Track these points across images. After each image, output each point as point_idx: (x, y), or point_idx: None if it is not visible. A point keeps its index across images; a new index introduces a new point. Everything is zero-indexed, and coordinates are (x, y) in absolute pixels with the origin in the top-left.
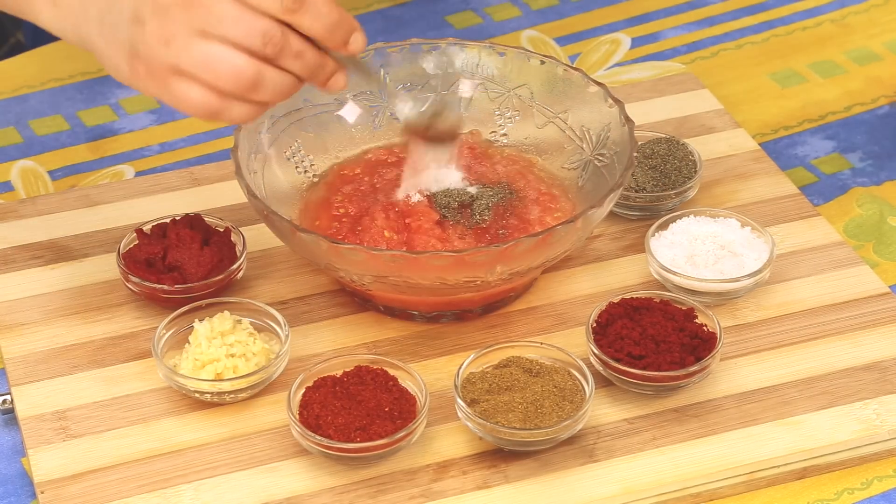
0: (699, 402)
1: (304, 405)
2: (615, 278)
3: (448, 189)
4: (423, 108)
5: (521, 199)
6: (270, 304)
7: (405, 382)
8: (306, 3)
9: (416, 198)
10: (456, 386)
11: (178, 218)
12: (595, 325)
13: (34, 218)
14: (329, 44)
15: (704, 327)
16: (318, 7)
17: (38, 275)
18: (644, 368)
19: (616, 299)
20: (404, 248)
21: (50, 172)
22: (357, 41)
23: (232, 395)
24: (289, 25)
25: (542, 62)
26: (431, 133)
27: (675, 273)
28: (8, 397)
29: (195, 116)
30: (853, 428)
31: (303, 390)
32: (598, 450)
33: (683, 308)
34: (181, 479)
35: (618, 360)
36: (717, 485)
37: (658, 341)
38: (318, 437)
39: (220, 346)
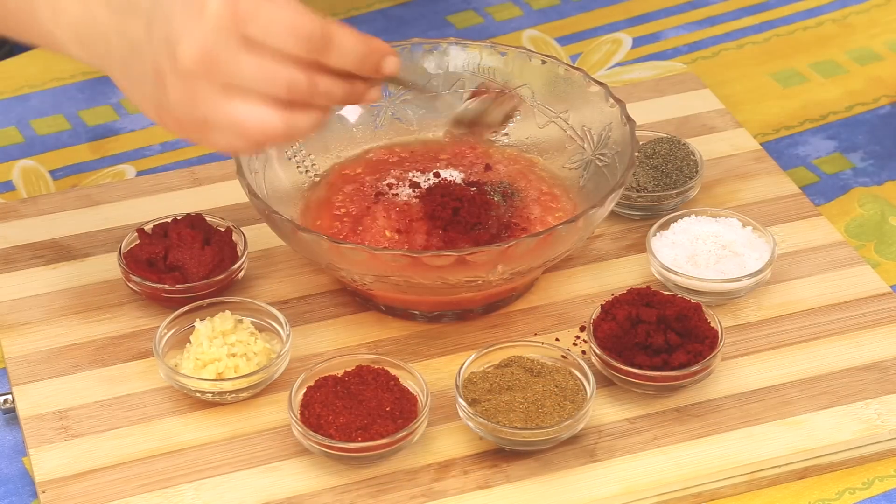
0: (700, 402)
1: (306, 405)
2: (616, 278)
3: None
4: (469, 106)
5: (522, 198)
6: (272, 304)
7: (406, 382)
8: (332, 41)
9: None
10: (457, 385)
11: (179, 217)
12: (595, 324)
13: (35, 217)
14: (362, 73)
15: (705, 327)
16: (345, 43)
17: (39, 274)
18: (645, 368)
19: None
20: (406, 248)
21: (51, 172)
22: (390, 65)
23: (233, 395)
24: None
25: (544, 62)
26: (479, 126)
27: (676, 273)
28: (9, 397)
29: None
30: (854, 428)
31: (304, 390)
32: (599, 449)
33: (684, 307)
34: (182, 478)
35: (619, 360)
36: (718, 484)
37: (658, 341)
38: (320, 437)
39: (221, 345)
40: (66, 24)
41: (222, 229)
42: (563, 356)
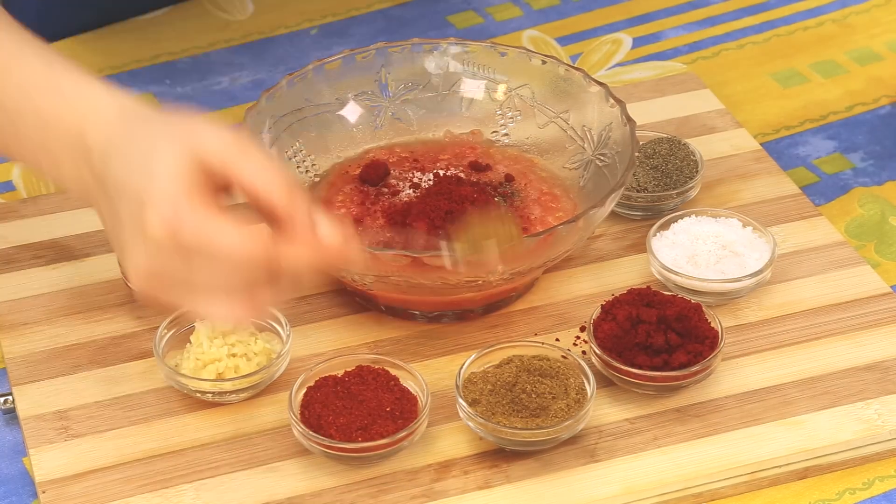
0: (701, 402)
1: (306, 405)
2: (616, 278)
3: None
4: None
5: (522, 198)
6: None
7: (406, 382)
8: (278, 261)
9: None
10: (457, 386)
11: None
12: (595, 324)
13: (35, 218)
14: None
15: (706, 327)
16: (293, 256)
17: (39, 274)
18: (646, 368)
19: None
20: (405, 248)
21: None
22: (350, 260)
23: (233, 395)
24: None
25: (544, 62)
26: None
27: (676, 273)
28: (9, 397)
29: None
30: (855, 428)
31: (304, 390)
32: (599, 450)
33: (684, 307)
34: (182, 478)
35: (619, 360)
36: (718, 485)
37: (658, 341)
38: (320, 437)
39: (221, 345)
40: (70, 183)
41: None
42: (564, 356)
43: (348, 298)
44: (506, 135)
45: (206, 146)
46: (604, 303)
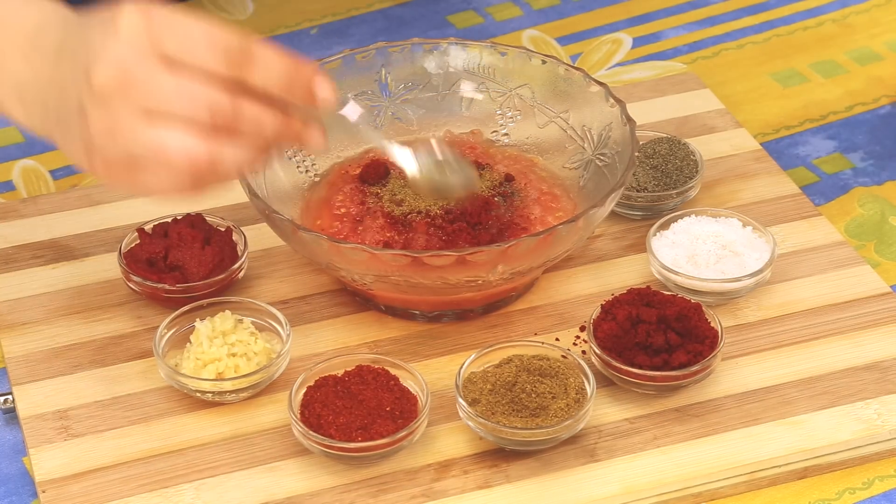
0: (700, 402)
1: (306, 405)
2: (616, 278)
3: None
4: (427, 165)
5: (522, 198)
6: (272, 304)
7: (406, 382)
8: (253, 56)
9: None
10: (457, 385)
11: (179, 217)
12: (595, 323)
13: (35, 217)
14: (291, 98)
15: (705, 327)
16: (267, 59)
17: (39, 274)
18: (645, 368)
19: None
20: (405, 248)
21: (51, 172)
22: (323, 90)
23: (233, 395)
24: (242, 94)
25: (544, 62)
26: (440, 189)
27: (676, 273)
28: (9, 397)
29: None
30: (854, 428)
31: (304, 390)
32: (599, 449)
33: (684, 307)
34: (182, 478)
35: (619, 360)
36: (718, 484)
37: (658, 341)
38: (320, 437)
39: (221, 345)
40: (9, 83)
41: (222, 229)
42: (564, 356)
43: (348, 298)
44: (506, 135)
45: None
46: (604, 302)
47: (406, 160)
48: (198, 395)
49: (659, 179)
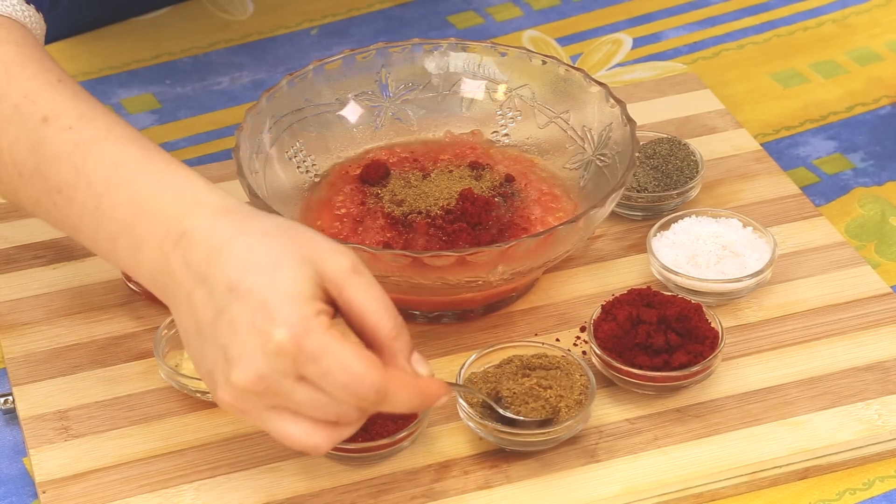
0: (701, 403)
1: None
2: (617, 278)
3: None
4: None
5: (522, 199)
6: None
7: None
8: (387, 399)
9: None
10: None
11: None
12: (596, 324)
13: (36, 218)
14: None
15: (706, 327)
16: (399, 399)
17: (39, 274)
18: (646, 368)
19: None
20: (406, 248)
21: None
22: (443, 401)
23: None
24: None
25: (544, 62)
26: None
27: (676, 273)
28: (9, 397)
29: None
30: (855, 428)
31: None
32: (599, 450)
33: (685, 308)
34: (182, 478)
35: (618, 360)
36: (718, 485)
37: (658, 341)
38: None
39: None
40: (145, 269)
41: None
42: (564, 356)
43: None
44: (506, 135)
45: (326, 264)
46: (604, 303)
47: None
48: (198, 395)
49: (659, 180)
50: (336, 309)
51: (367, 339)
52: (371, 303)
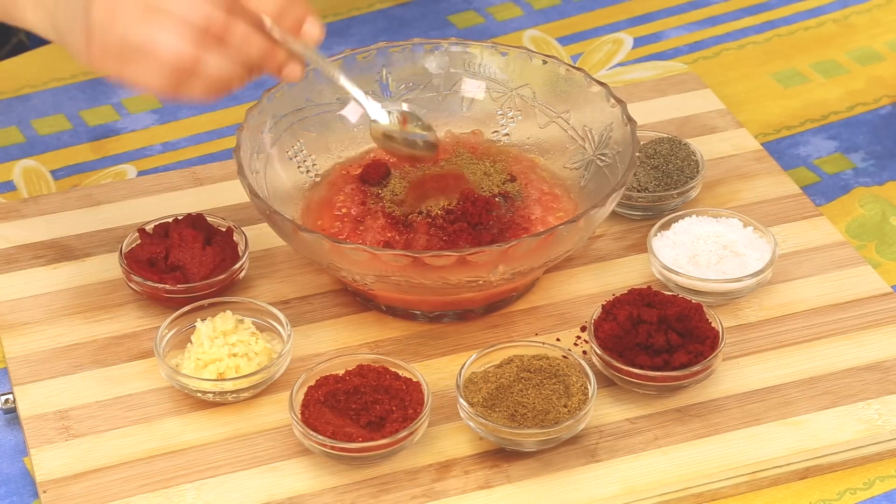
0: (701, 402)
1: (306, 405)
2: (617, 278)
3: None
4: (393, 116)
5: (523, 198)
6: (272, 304)
7: None
8: (231, 26)
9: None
10: (458, 386)
11: (180, 218)
12: (596, 324)
13: (36, 217)
14: (280, 25)
15: (706, 327)
16: (237, 32)
17: (40, 274)
18: (646, 368)
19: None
20: (406, 248)
21: (52, 172)
22: (312, 30)
23: (234, 395)
24: (237, 14)
25: (545, 62)
26: (405, 143)
27: (677, 273)
28: (10, 397)
29: (155, 95)
30: (855, 428)
31: (305, 390)
32: (600, 450)
33: (685, 307)
34: (183, 478)
35: (619, 360)
36: (719, 485)
37: (659, 341)
38: (320, 437)
39: (222, 345)
40: None
41: (223, 229)
42: (564, 356)
43: (349, 298)
44: (507, 135)
45: None
46: (604, 303)
47: (370, 104)
48: (199, 395)
49: (660, 180)
50: None
51: None
52: None
